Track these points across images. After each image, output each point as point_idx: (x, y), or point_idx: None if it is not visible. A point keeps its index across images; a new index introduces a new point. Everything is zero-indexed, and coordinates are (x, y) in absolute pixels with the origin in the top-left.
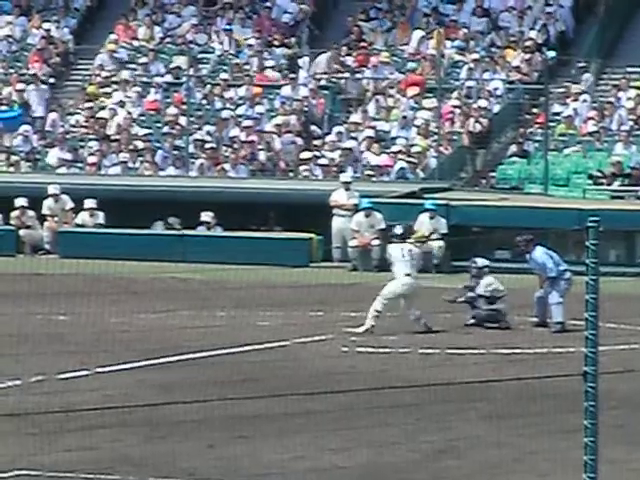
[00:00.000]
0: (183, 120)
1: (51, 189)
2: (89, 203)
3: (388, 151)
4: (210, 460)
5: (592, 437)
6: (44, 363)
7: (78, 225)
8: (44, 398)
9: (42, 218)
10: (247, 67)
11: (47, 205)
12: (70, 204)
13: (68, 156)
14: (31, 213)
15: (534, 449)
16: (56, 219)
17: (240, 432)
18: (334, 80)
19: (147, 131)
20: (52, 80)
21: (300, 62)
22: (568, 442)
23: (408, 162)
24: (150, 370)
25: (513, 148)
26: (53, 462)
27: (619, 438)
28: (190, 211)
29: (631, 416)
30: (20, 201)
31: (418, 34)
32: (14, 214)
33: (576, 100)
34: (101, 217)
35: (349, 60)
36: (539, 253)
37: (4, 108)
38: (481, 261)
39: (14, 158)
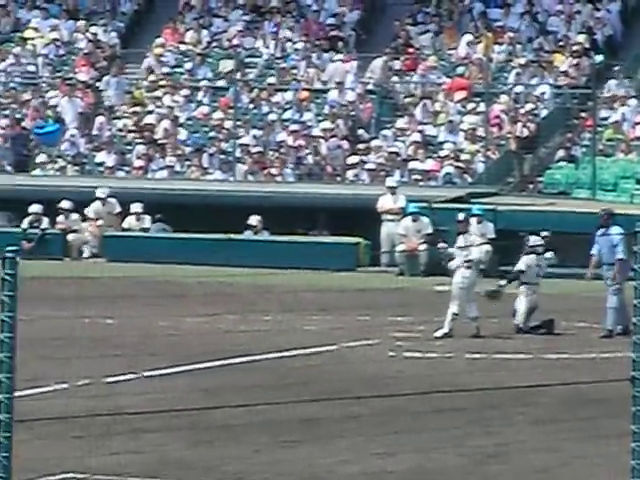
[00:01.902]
0: (229, 124)
1: (99, 192)
2: (135, 207)
3: (435, 156)
4: (256, 465)
5: None
6: (91, 367)
7: (124, 229)
8: (91, 402)
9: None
10: (295, 71)
11: (94, 208)
12: (118, 208)
13: (115, 160)
14: (75, 216)
15: (581, 454)
16: (100, 222)
17: (287, 437)
18: (382, 84)
19: (194, 135)
20: (99, 84)
21: (348, 66)
22: (616, 447)
23: (455, 167)
24: (197, 374)
25: (561, 153)
26: (100, 465)
27: None
28: (237, 215)
29: None
30: (64, 204)
31: (466, 38)
32: (59, 218)
33: (624, 105)
34: (147, 221)
35: (396, 64)
36: (617, 230)
37: (42, 123)
38: (533, 239)
39: (61, 162)
